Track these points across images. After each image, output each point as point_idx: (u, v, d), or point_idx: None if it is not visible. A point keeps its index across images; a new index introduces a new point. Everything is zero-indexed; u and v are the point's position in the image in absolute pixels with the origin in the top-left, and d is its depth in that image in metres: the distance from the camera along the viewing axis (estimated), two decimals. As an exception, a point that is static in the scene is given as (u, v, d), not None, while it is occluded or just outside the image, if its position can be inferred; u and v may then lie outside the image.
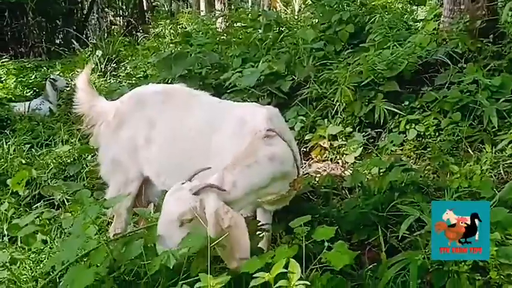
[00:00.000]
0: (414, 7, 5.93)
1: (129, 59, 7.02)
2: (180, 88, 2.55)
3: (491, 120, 3.20)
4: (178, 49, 5.57)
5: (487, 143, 3.17)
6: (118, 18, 13.77)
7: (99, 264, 1.58)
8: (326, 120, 3.64)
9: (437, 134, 3.40)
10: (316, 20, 5.10)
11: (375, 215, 2.49)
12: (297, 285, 1.33)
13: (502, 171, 2.97)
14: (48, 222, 2.45)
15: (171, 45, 6.70)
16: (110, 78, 6.62)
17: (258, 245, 2.11)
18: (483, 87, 3.40)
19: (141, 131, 2.40)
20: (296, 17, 5.50)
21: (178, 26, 7.48)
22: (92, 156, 3.92)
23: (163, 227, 1.83)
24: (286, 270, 1.38)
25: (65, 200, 2.73)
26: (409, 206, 2.38)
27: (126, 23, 12.14)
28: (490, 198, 2.48)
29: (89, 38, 10.62)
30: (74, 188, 2.80)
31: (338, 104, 3.57)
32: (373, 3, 5.30)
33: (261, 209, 2.42)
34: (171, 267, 1.53)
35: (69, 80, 6.63)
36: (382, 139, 3.53)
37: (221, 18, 6.61)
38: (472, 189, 2.70)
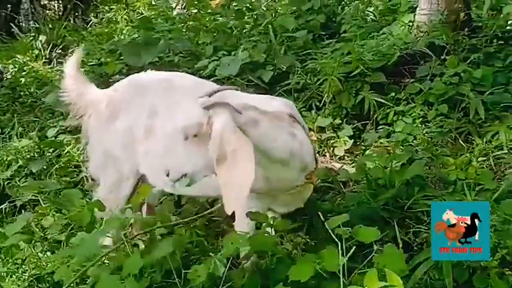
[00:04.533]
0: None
1: (77, 45, 6.48)
2: (183, 75, 2.36)
3: (477, 112, 3.24)
4: (138, 35, 5.20)
5: (474, 134, 3.20)
6: (53, 2, 12.84)
7: (132, 274, 1.33)
8: (313, 111, 3.52)
9: (423, 126, 3.39)
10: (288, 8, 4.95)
11: (386, 210, 2.42)
12: (400, 301, 1.17)
13: (492, 163, 3.00)
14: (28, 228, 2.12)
15: (124, 31, 6.27)
16: (56, 65, 6.08)
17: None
18: (465, 80, 3.43)
19: (141, 120, 2.15)
20: (268, 5, 5.32)
21: (131, 11, 7.05)
22: (54, 151, 3.55)
23: (167, 138, 1.84)
24: (386, 284, 1.22)
25: (41, 200, 2.39)
26: (424, 200, 2.33)
27: (63, 8, 11.31)
28: (494, 190, 2.50)
29: (21, 23, 9.83)
30: (50, 187, 2.46)
31: (326, 95, 3.46)
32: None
33: (270, 212, 2.27)
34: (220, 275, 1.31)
35: (6, 67, 6.06)
36: (369, 131, 3.47)
37: (179, 3, 6.30)
38: (470, 181, 2.71)
